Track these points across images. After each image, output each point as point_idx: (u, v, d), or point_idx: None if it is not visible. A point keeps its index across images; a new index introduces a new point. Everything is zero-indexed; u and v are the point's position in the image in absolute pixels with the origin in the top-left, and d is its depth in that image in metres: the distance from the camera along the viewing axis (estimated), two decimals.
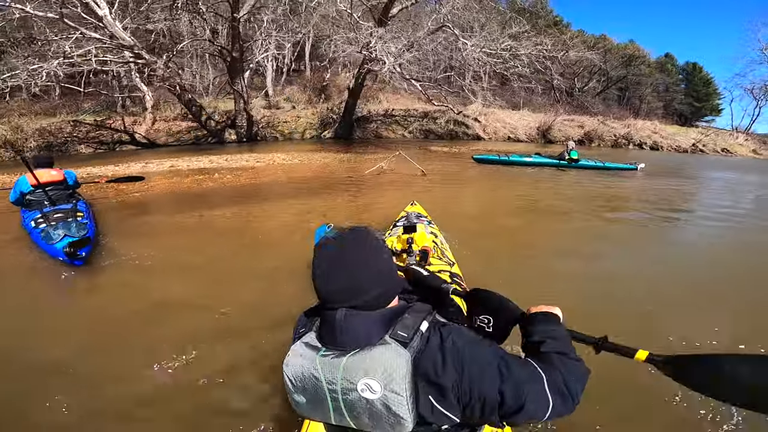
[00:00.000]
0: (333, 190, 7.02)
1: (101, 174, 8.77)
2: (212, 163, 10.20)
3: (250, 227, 5.09)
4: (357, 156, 11.79)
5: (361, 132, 18.62)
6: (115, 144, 18.01)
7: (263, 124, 18.12)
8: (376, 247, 0.99)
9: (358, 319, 0.91)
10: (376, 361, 0.87)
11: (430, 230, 3.18)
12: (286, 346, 1.03)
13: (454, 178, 8.65)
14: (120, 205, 6.19)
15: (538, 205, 6.52)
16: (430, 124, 19.54)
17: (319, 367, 0.91)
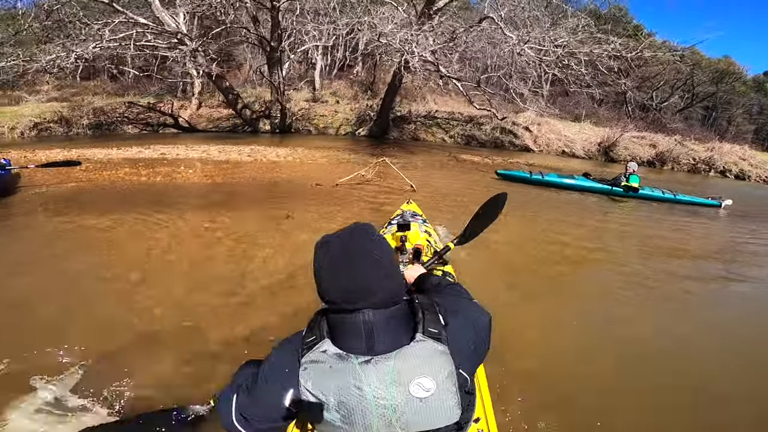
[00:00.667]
0: (272, 203, 5.67)
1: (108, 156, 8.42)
2: (204, 153, 9.50)
3: (117, 240, 4.07)
4: (369, 159, 10.53)
5: (397, 132, 17.33)
6: (159, 126, 18.32)
7: (299, 117, 17.51)
8: (382, 242, 0.96)
9: (388, 320, 0.90)
10: (425, 359, 0.84)
11: (425, 229, 3.17)
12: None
13: (456, 197, 6.79)
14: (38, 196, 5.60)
15: (571, 250, 4.77)
16: (474, 129, 17.75)
17: (363, 377, 0.83)
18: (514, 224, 5.41)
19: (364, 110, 17.61)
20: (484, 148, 16.62)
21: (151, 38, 13.53)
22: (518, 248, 4.65)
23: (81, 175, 6.91)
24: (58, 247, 3.87)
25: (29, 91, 22.93)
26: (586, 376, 2.47)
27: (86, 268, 3.44)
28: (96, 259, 3.61)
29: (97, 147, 10.71)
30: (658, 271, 4.28)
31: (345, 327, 0.89)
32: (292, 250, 3.92)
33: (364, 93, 19.91)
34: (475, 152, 13.79)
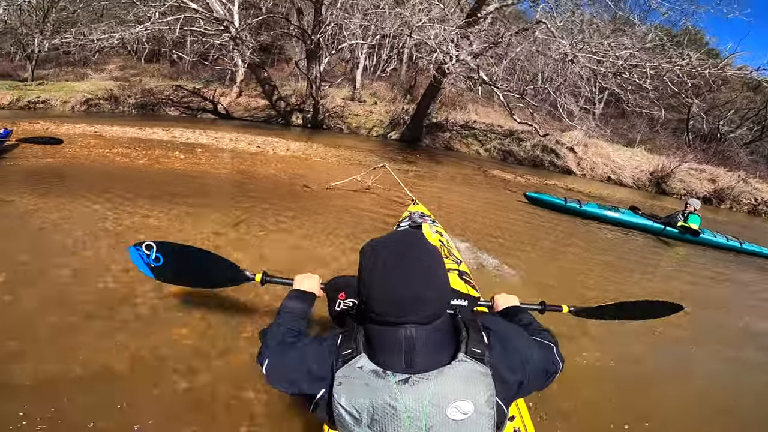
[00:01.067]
0: (235, 201, 5.00)
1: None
2: (214, 139, 9.11)
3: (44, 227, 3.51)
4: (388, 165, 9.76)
5: (430, 139, 16.48)
6: (199, 111, 18.54)
7: (333, 114, 17.11)
8: (435, 253, 0.92)
9: (430, 336, 0.85)
10: (465, 382, 0.81)
11: (435, 229, 3.11)
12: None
13: (468, 218, 5.83)
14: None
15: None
16: (513, 145, 16.55)
17: (399, 396, 0.80)
18: (539, 260, 4.52)
19: (399, 113, 16.90)
20: (521, 165, 15.43)
21: (203, 24, 13.58)
22: (542, 290, 3.68)
23: (72, 151, 6.68)
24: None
25: (96, 69, 24.20)
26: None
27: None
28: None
29: (120, 125, 10.72)
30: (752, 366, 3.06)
31: (385, 341, 0.86)
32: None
33: (404, 96, 19.23)
34: (509, 169, 12.70)
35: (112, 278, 2.80)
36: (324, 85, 19.70)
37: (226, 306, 2.66)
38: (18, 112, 16.59)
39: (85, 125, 9.90)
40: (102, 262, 3.00)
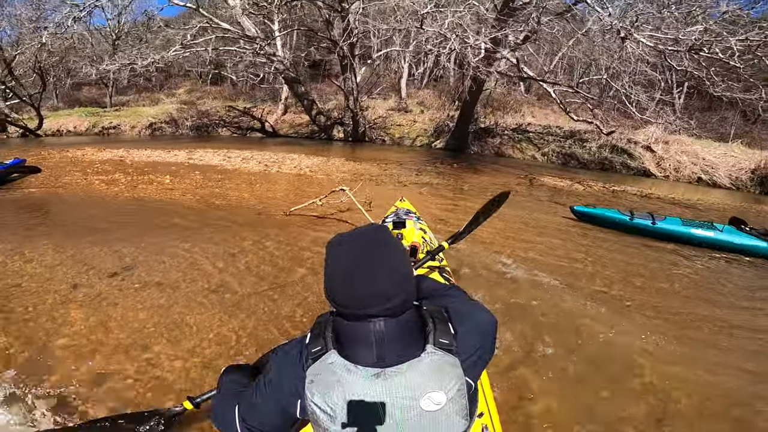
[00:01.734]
0: (182, 231, 4.14)
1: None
2: (224, 159, 8.61)
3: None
4: (411, 178, 8.51)
5: (479, 146, 14.92)
6: (247, 130, 18.73)
7: (375, 126, 16.27)
8: (399, 245, 0.91)
9: (398, 329, 0.84)
10: (436, 373, 0.80)
11: (419, 226, 3.12)
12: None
13: (485, 244, 4.42)
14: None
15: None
16: (576, 147, 14.40)
17: (372, 391, 0.78)
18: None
19: (444, 121, 15.61)
20: (585, 170, 13.30)
21: (242, 43, 13.52)
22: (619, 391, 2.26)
23: (47, 180, 6.41)
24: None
25: (168, 93, 25.82)
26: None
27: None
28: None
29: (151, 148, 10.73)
30: None
31: (355, 336, 0.84)
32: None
33: (452, 103, 17.91)
34: (567, 175, 10.82)
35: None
36: (370, 96, 19.13)
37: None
38: (94, 138, 17.90)
39: (120, 150, 10.01)
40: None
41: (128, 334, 2.44)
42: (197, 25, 11.35)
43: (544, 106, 17.75)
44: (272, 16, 13.77)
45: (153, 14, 11.39)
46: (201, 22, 11.42)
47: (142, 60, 11.08)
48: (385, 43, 16.79)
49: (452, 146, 14.55)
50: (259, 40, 12.71)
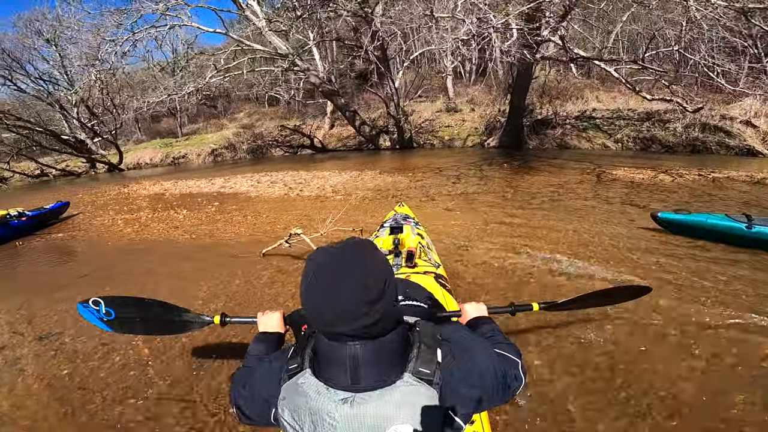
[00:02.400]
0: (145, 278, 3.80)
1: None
2: (252, 185, 8.22)
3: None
4: (448, 187, 7.39)
5: (537, 140, 13.25)
6: (298, 148, 18.72)
7: (422, 130, 15.31)
8: (377, 263, 0.82)
9: (373, 353, 0.78)
10: (404, 405, 0.75)
11: (417, 231, 3.01)
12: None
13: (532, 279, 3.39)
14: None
15: None
16: (655, 129, 12.16)
17: (338, 416, 0.75)
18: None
19: (495, 117, 14.20)
20: (672, 154, 11.13)
21: (280, 61, 13.43)
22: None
23: (81, 223, 6.35)
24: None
25: (230, 119, 26.97)
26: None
27: None
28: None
29: (196, 177, 10.80)
30: None
31: (331, 357, 0.79)
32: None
33: (504, 97, 16.39)
34: (648, 162, 8.92)
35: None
36: (416, 100, 18.21)
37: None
38: (167, 168, 19.10)
39: (169, 182, 10.22)
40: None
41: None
42: (229, 49, 11.36)
43: (610, 89, 15.50)
44: (306, 31, 13.51)
45: (191, 43, 11.65)
46: (232, 45, 11.41)
47: (180, 90, 11.33)
48: (427, 44, 15.80)
49: (506, 143, 13.11)
50: (291, 56, 12.43)
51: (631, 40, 17.12)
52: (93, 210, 7.79)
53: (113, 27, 9.75)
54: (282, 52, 12.02)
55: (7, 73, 19.31)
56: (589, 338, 2.45)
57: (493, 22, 6.78)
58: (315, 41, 12.76)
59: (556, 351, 2.40)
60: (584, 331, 2.52)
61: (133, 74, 21.30)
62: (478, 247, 3.96)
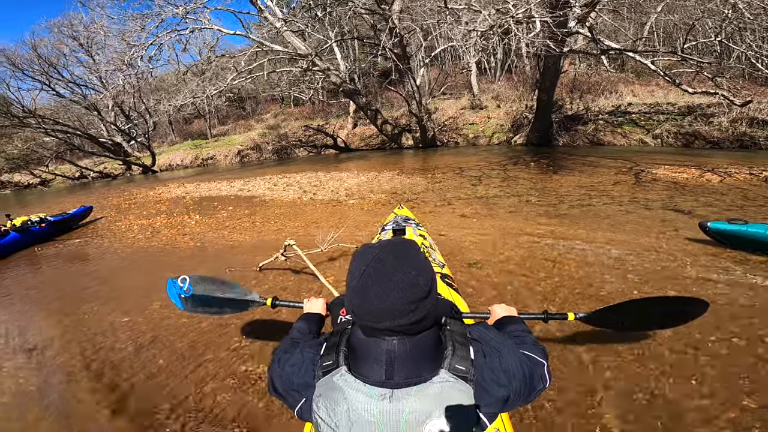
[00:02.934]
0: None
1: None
2: (270, 186, 7.95)
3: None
4: (467, 193, 6.86)
5: (567, 137, 12.46)
6: (321, 148, 18.55)
7: (445, 128, 14.77)
8: (425, 263, 0.83)
9: (411, 350, 0.78)
10: (443, 400, 0.76)
11: (419, 233, 3.00)
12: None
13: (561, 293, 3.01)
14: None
15: None
16: (698, 123, 11.13)
17: (377, 411, 0.75)
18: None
19: (522, 113, 13.48)
20: (718, 149, 10.16)
21: (303, 64, 13.24)
22: None
23: (102, 227, 6.26)
24: None
25: (258, 120, 27.16)
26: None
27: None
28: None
29: (218, 180, 10.74)
30: None
31: (367, 351, 0.80)
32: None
33: (531, 93, 15.61)
34: (692, 159, 8.08)
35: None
36: (440, 98, 17.65)
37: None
38: (197, 170, 19.38)
39: (192, 185, 10.19)
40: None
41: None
42: (249, 51, 11.24)
43: (646, 82, 14.47)
44: (326, 31, 13.25)
45: (213, 46, 11.59)
46: (254, 47, 11.29)
47: (202, 93, 11.32)
48: (449, 41, 15.24)
49: (534, 140, 12.40)
50: (310, 56, 12.18)
51: (667, 32, 15.95)
52: (115, 214, 7.81)
53: (137, 31, 9.82)
54: (302, 52, 11.80)
55: (45, 78, 20.01)
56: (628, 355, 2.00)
57: (513, 12, 6.22)
58: (334, 41, 12.46)
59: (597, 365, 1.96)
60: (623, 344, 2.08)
61: (165, 78, 21.74)
62: (492, 265, 3.50)
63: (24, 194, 17.69)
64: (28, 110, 18.40)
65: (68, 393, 2.36)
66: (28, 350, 2.89)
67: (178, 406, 2.16)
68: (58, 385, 2.45)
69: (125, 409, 2.19)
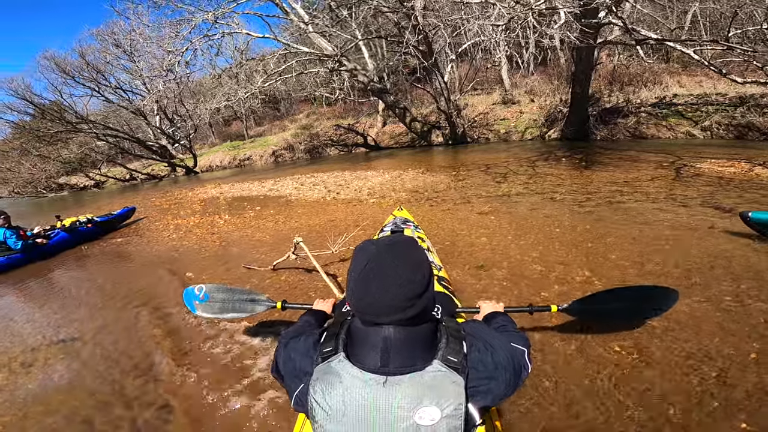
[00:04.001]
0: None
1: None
2: (297, 186, 8.04)
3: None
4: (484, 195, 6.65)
5: (606, 130, 11.79)
6: (352, 146, 18.70)
7: (476, 124, 14.44)
8: (421, 262, 0.86)
9: (407, 339, 0.82)
10: (435, 389, 0.78)
11: (417, 235, 3.03)
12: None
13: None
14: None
15: None
16: (752, 114, 10.21)
17: (371, 397, 0.78)
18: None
19: (556, 107, 12.93)
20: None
21: (330, 64, 13.40)
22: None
23: (143, 227, 6.62)
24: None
25: (292, 120, 27.76)
26: None
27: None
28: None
29: (250, 180, 11.03)
30: None
31: (364, 339, 0.83)
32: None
33: (566, 86, 14.96)
34: (743, 152, 7.43)
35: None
36: (471, 93, 17.30)
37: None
38: (234, 170, 20.14)
39: (228, 186, 10.56)
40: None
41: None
42: (277, 53, 11.50)
43: (693, 73, 13.45)
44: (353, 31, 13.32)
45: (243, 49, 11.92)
46: (281, 49, 11.53)
47: (235, 96, 11.71)
48: (475, 36, 14.87)
49: (569, 134, 11.87)
50: (336, 56, 12.28)
51: (712, 21, 14.79)
52: (156, 214, 8.25)
53: (173, 38, 10.34)
54: (328, 52, 11.94)
55: (94, 84, 21.32)
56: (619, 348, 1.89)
57: (532, 4, 5.95)
58: (360, 39, 12.51)
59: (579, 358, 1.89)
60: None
61: (202, 82, 22.66)
62: (502, 264, 3.38)
63: (80, 196, 19.11)
64: (81, 116, 19.77)
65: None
66: (73, 339, 3.14)
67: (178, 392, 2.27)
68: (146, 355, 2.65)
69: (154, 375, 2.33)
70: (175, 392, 2.28)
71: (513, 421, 1.79)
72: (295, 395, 0.90)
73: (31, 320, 3.61)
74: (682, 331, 2.24)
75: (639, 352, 2.12)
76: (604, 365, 2.05)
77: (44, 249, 5.87)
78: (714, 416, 1.70)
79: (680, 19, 12.01)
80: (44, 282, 4.77)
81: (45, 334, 3.26)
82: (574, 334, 2.31)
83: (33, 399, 2.40)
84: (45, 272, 5.17)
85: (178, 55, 10.52)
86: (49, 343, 3.11)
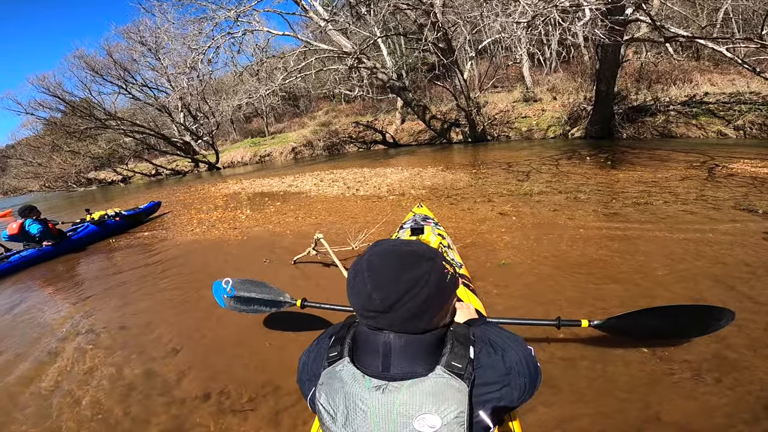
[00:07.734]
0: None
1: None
2: (317, 182, 8.04)
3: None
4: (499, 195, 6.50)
5: (632, 129, 11.43)
6: (371, 143, 18.72)
7: (496, 122, 14.22)
8: (436, 262, 0.84)
9: (407, 345, 0.80)
10: (436, 396, 0.75)
11: (437, 232, 2.96)
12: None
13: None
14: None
15: None
16: None
17: (370, 402, 0.77)
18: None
19: (579, 105, 12.61)
20: None
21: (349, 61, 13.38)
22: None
23: (168, 221, 6.72)
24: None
25: (311, 117, 27.91)
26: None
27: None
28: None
29: (271, 176, 11.11)
30: None
31: (367, 343, 0.83)
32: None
33: (591, 83, 14.57)
34: None
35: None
36: (492, 91, 17.03)
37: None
38: (255, 166, 20.37)
39: (249, 181, 10.67)
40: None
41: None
42: (297, 51, 11.56)
43: (725, 71, 12.89)
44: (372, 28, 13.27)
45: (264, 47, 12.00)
46: (301, 46, 11.59)
47: (255, 93, 11.84)
48: (496, 33, 14.64)
49: (593, 133, 11.57)
50: (355, 53, 12.25)
51: (745, 18, 14.15)
52: (180, 209, 8.43)
53: (196, 35, 10.52)
54: (347, 50, 11.95)
55: (121, 81, 21.87)
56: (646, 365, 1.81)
57: (557, 1, 5.78)
58: (378, 36, 12.46)
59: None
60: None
61: (224, 80, 23.02)
62: (524, 265, 3.32)
63: (108, 190, 19.73)
64: (109, 113, 20.36)
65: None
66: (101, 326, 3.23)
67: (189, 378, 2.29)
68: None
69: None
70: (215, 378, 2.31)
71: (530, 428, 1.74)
72: (308, 398, 0.90)
73: (58, 310, 3.73)
74: (731, 351, 2.13)
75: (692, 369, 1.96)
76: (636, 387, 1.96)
77: (74, 242, 6.06)
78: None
79: (711, 16, 11.55)
80: (72, 272, 4.93)
81: (74, 323, 3.37)
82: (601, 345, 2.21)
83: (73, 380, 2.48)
84: (75, 263, 5.35)
85: (201, 53, 10.70)
86: (77, 332, 3.21)
